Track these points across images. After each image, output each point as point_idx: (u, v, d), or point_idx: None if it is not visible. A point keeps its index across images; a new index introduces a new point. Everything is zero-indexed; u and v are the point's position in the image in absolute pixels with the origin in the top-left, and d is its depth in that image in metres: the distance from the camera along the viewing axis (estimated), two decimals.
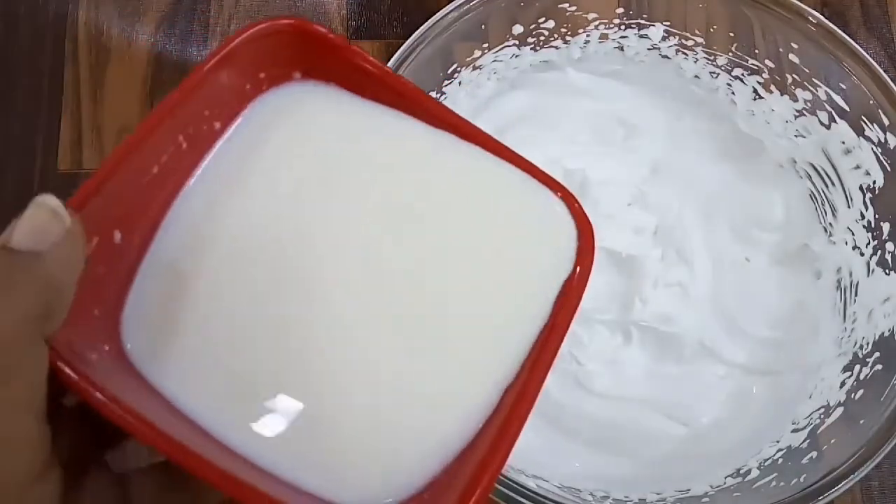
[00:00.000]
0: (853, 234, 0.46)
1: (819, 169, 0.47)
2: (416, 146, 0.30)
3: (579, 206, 0.29)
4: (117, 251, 0.26)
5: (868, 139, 0.44)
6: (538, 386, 0.26)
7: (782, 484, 0.40)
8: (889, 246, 0.44)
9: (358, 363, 0.26)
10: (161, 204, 0.28)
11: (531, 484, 0.37)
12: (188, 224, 0.28)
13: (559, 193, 0.29)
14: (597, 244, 0.29)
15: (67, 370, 0.22)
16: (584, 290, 0.28)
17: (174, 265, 0.27)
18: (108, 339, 0.26)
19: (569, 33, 0.48)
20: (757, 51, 0.47)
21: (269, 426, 0.25)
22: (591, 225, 0.29)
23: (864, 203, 0.45)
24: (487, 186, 0.30)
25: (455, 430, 0.26)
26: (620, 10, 0.48)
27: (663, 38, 0.48)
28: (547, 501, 0.36)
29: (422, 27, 0.43)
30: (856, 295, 0.46)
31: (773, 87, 0.47)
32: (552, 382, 0.45)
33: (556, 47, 0.49)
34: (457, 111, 0.29)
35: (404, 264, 0.28)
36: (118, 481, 0.24)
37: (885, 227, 0.44)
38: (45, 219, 0.22)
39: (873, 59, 0.43)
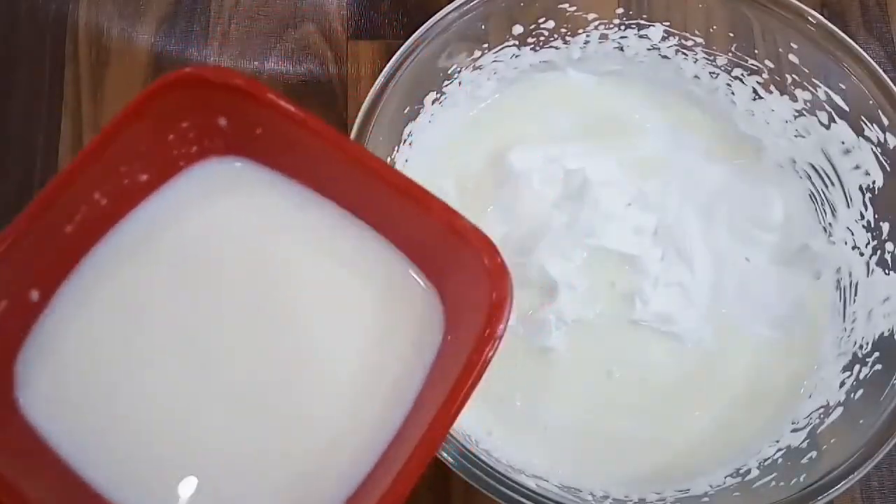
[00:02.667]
0: (853, 234, 0.46)
1: (819, 169, 0.48)
2: (306, 244, 0.32)
3: (500, 259, 0.29)
4: (34, 309, 0.28)
5: (868, 139, 0.44)
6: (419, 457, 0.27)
7: (782, 484, 0.40)
8: (889, 246, 0.44)
9: (238, 440, 0.29)
10: (74, 262, 0.29)
11: (531, 484, 0.38)
12: (84, 289, 0.29)
13: (477, 246, 0.29)
14: (512, 295, 0.28)
15: None
16: (493, 341, 0.28)
17: (74, 326, 0.29)
18: None
19: (569, 33, 0.48)
20: (757, 51, 0.47)
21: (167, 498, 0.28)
22: (506, 275, 0.29)
23: (864, 203, 0.45)
24: (361, 276, 0.32)
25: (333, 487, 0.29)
26: (620, 11, 0.48)
27: (663, 39, 0.49)
28: (547, 501, 0.36)
29: (422, 27, 0.43)
30: (855, 295, 0.46)
31: (772, 88, 0.47)
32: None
33: (556, 47, 0.49)
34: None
35: (276, 358, 0.30)
36: None
37: (885, 227, 0.44)
38: None
39: (873, 59, 0.43)
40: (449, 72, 0.46)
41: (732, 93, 0.49)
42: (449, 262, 0.31)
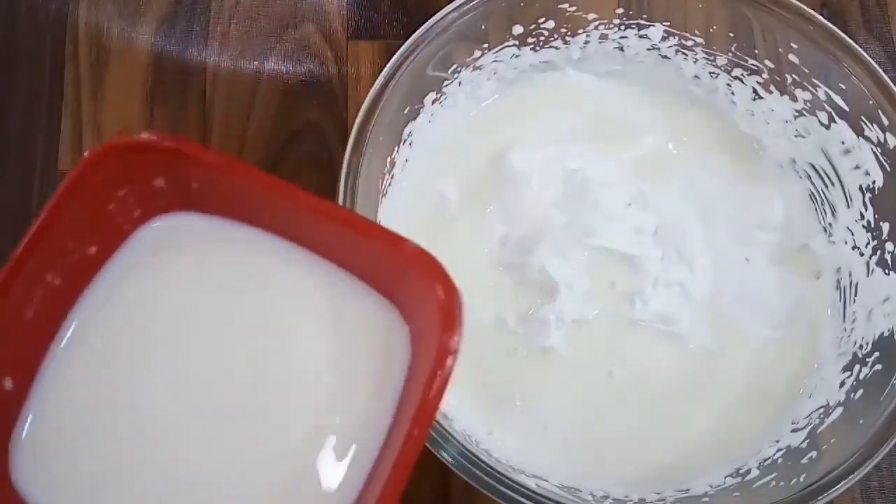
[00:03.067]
0: (853, 234, 0.46)
1: (819, 169, 0.48)
2: (260, 284, 0.33)
3: (447, 279, 0.29)
4: (10, 396, 0.29)
5: (868, 139, 0.44)
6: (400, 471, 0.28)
7: (782, 484, 0.40)
8: (889, 246, 0.44)
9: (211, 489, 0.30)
10: (43, 345, 0.30)
11: (531, 484, 0.38)
12: (57, 369, 0.31)
13: (425, 270, 0.30)
14: (463, 309, 0.29)
15: None
16: (446, 367, 0.28)
17: (56, 409, 0.30)
18: None
19: (569, 34, 0.48)
20: (757, 51, 0.47)
21: None
22: (455, 290, 0.29)
23: (864, 203, 0.45)
24: (318, 307, 0.33)
25: None
26: (620, 11, 0.48)
27: (663, 39, 0.49)
28: (547, 501, 0.36)
29: (422, 27, 0.43)
30: (855, 295, 0.46)
31: (772, 88, 0.47)
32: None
33: (556, 47, 0.49)
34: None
35: (247, 402, 0.31)
36: None
37: (885, 227, 0.44)
38: None
39: (873, 59, 0.43)
40: (449, 72, 0.46)
41: (732, 93, 0.49)
42: (402, 283, 0.32)
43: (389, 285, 0.33)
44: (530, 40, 0.48)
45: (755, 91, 0.48)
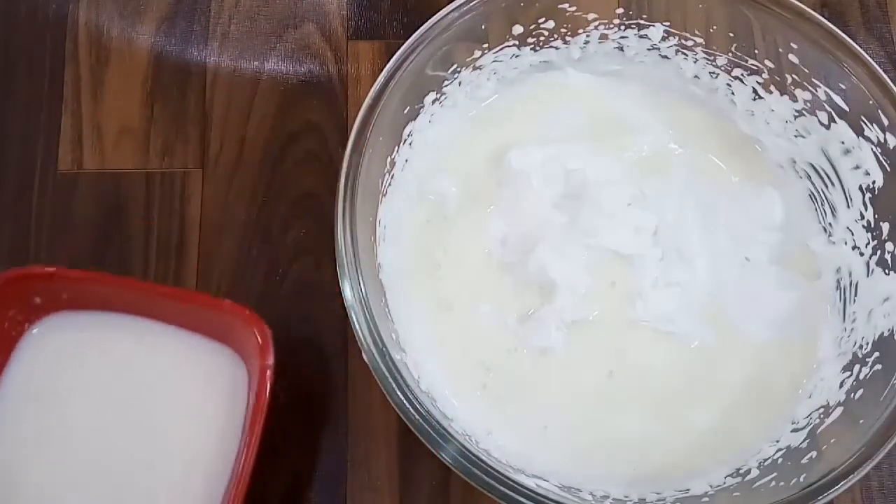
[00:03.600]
0: (853, 234, 0.46)
1: (819, 169, 0.48)
2: (133, 356, 0.45)
3: (257, 320, 0.42)
4: None
5: (868, 139, 0.44)
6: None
7: (782, 484, 0.40)
8: (889, 246, 0.44)
9: None
10: None
11: (531, 484, 0.37)
12: None
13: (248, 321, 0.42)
14: (271, 340, 0.41)
15: None
16: (265, 387, 0.40)
17: None
18: None
19: (569, 33, 0.48)
20: (757, 51, 0.47)
21: None
22: (265, 327, 0.42)
23: (864, 203, 0.45)
24: (167, 365, 0.44)
25: None
26: (620, 11, 0.48)
27: (663, 39, 0.49)
28: (547, 501, 0.36)
29: (422, 27, 0.43)
30: (855, 295, 0.46)
31: (772, 88, 0.47)
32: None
33: (556, 47, 0.49)
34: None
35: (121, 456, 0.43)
36: None
37: (885, 227, 0.44)
38: None
39: (873, 59, 0.43)
40: (449, 72, 0.46)
41: (732, 93, 0.49)
42: (233, 332, 0.43)
43: (225, 335, 0.44)
44: (530, 40, 0.48)
45: (755, 91, 0.48)
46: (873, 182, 0.45)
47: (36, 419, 0.43)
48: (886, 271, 0.44)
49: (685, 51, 0.49)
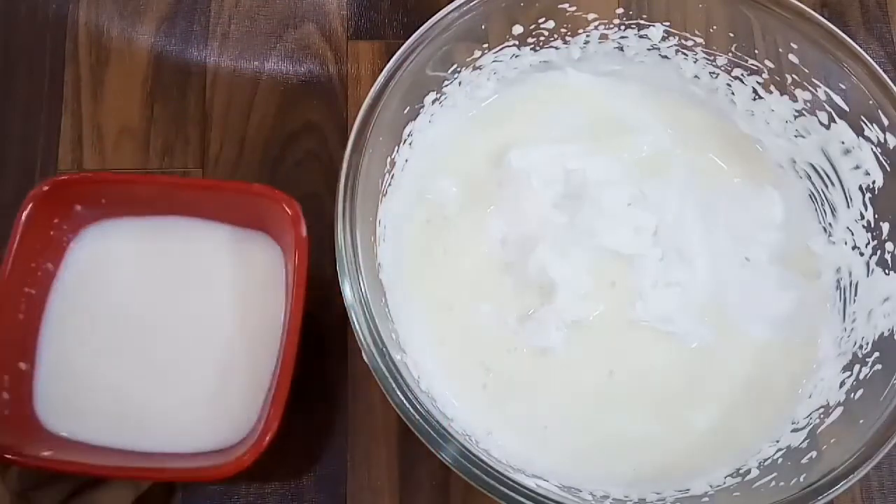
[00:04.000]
0: (853, 234, 0.46)
1: (819, 169, 0.48)
2: (175, 250, 0.47)
3: (286, 197, 0.44)
4: (25, 374, 0.44)
5: (868, 139, 0.44)
6: (288, 369, 0.41)
7: (782, 484, 0.40)
8: (889, 246, 0.44)
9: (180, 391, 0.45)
10: (34, 334, 0.45)
11: (531, 484, 0.37)
12: (57, 338, 0.45)
13: (279, 199, 0.44)
14: (302, 228, 0.44)
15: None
16: (304, 275, 0.43)
17: (55, 370, 0.45)
18: (23, 416, 0.44)
19: (569, 33, 0.48)
20: (757, 51, 0.47)
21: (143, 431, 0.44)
22: (294, 202, 0.44)
23: (864, 203, 0.45)
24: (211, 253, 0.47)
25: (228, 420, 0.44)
26: (620, 11, 0.48)
27: (663, 39, 0.49)
28: (547, 501, 0.36)
29: (422, 27, 0.43)
30: (855, 295, 0.46)
31: (772, 88, 0.48)
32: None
33: (556, 47, 0.49)
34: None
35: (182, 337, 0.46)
36: None
37: (885, 227, 0.44)
38: None
39: (873, 59, 0.43)
40: (449, 72, 0.46)
41: (732, 93, 0.49)
42: (269, 215, 0.45)
43: (260, 220, 0.46)
44: (530, 40, 0.48)
45: (755, 91, 0.48)
46: (873, 182, 0.45)
47: (91, 312, 0.46)
48: (886, 271, 0.44)
49: (685, 51, 0.49)
